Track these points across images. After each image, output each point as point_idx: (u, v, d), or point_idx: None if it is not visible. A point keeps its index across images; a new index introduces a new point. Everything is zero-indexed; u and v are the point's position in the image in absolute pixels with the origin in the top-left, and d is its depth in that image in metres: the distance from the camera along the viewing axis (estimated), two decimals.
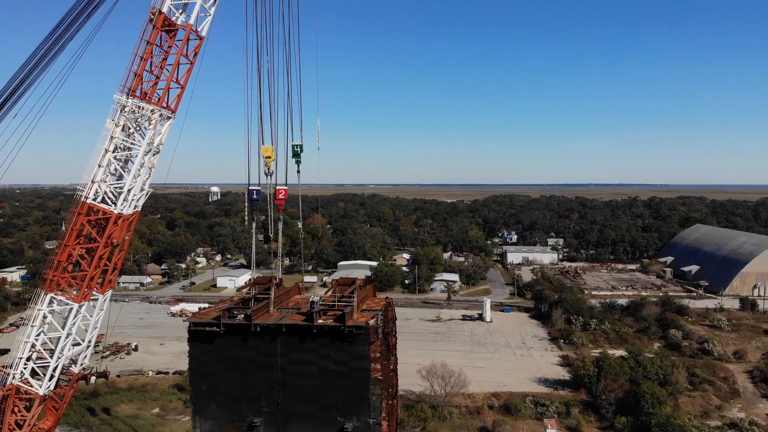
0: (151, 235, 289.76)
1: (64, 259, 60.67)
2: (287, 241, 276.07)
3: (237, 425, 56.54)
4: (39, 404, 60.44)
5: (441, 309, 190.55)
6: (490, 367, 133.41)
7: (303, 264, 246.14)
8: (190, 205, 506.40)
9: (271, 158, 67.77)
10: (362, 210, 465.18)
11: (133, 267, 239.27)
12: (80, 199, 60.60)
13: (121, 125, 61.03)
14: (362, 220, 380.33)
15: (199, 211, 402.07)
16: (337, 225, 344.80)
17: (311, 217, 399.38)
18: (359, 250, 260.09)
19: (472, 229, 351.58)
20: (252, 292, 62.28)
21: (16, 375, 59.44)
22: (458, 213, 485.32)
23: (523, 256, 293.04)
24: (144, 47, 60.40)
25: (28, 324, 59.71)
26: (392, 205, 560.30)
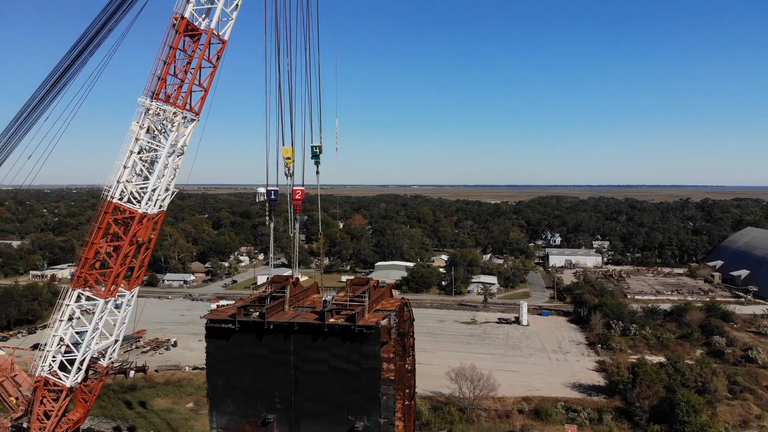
0: (197, 234, 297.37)
1: (91, 257, 63.19)
2: (327, 241, 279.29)
3: (252, 420, 57.63)
4: (66, 396, 62.94)
5: (477, 311, 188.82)
6: (524, 371, 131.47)
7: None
8: (237, 205, 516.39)
9: (291, 159, 68.83)
10: (403, 211, 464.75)
11: (177, 265, 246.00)
12: (106, 199, 63.03)
13: (145, 127, 63.09)
14: (402, 221, 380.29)
15: (244, 212, 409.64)
16: (377, 225, 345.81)
17: (352, 218, 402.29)
18: (397, 251, 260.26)
19: (514, 231, 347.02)
20: (268, 290, 63.32)
21: (45, 367, 62.06)
22: (501, 214, 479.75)
23: (566, 258, 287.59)
24: (167, 52, 62.29)
25: (57, 318, 62.40)
26: (434, 206, 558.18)
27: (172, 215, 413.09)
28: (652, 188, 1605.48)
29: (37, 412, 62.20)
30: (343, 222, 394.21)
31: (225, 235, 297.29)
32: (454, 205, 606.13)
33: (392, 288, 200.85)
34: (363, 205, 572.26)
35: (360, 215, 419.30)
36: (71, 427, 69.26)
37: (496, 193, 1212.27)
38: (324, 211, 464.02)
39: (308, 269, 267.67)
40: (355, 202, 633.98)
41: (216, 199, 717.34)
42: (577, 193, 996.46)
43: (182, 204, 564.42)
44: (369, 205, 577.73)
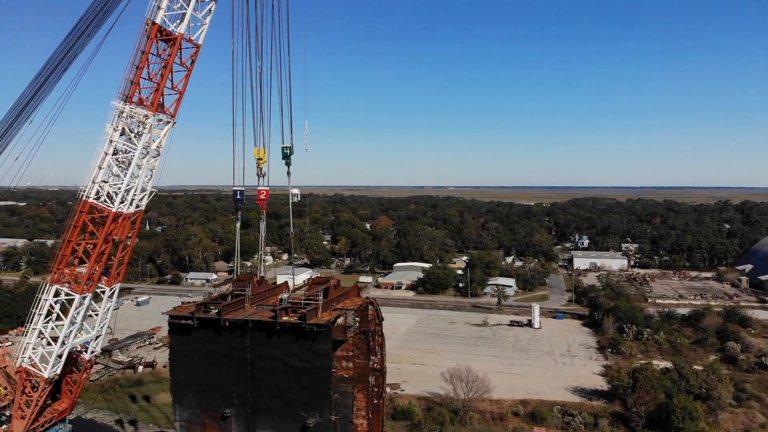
0: (224, 234, 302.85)
1: (68, 254, 65.63)
2: (348, 242, 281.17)
3: (211, 415, 59.16)
4: (45, 386, 65.62)
5: (490, 314, 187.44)
6: (527, 374, 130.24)
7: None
8: (269, 206, 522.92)
9: (263, 160, 70.23)
10: (431, 212, 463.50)
11: (201, 264, 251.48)
12: (82, 198, 65.41)
13: (119, 129, 65.24)
14: (427, 222, 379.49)
15: (273, 212, 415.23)
16: (401, 227, 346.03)
17: (378, 219, 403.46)
18: (416, 252, 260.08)
19: (540, 233, 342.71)
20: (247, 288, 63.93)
21: (25, 359, 64.83)
22: (532, 216, 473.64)
23: (590, 261, 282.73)
24: (139, 56, 64.26)
25: (36, 312, 65.09)
26: (464, 208, 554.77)
27: (204, 216, 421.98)
28: (695, 190, 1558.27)
29: (19, 401, 65.12)
30: (370, 223, 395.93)
31: (250, 235, 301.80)
32: (485, 206, 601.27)
33: (409, 288, 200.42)
34: (393, 206, 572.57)
35: (386, 216, 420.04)
36: (56, 417, 72.19)
37: (532, 195, 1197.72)
38: (353, 212, 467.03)
39: (329, 269, 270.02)
40: (386, 203, 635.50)
41: (250, 200, 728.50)
42: (615, 195, 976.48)
43: (216, 205, 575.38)
44: (399, 206, 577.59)
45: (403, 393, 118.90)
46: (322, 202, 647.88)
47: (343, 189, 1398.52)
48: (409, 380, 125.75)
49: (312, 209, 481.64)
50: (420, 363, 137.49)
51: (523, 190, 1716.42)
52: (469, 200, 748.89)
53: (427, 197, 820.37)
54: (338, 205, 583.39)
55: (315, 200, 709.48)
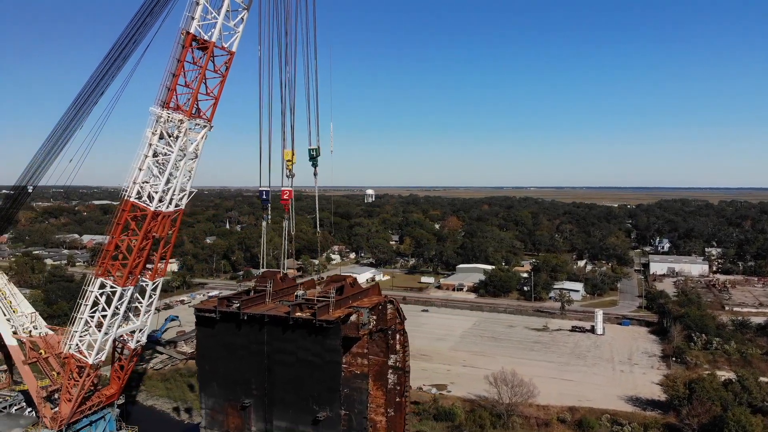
0: (296, 232, 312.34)
1: (111, 249, 70.67)
2: (412, 242, 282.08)
3: (233, 404, 62.23)
4: (89, 372, 70.92)
5: (552, 318, 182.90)
6: (581, 381, 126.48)
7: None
8: (344, 206, 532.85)
9: (292, 161, 72.61)
10: (503, 213, 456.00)
11: (272, 261, 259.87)
12: (124, 198, 70.26)
13: (158, 134, 69.49)
14: (498, 223, 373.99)
15: (345, 212, 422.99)
16: (469, 228, 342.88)
17: (447, 219, 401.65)
18: (481, 254, 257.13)
19: (618, 236, 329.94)
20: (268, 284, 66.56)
21: (72, 346, 70.37)
22: (612, 218, 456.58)
23: (668, 266, 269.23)
24: (174, 64, 68.25)
25: (82, 303, 70.53)
26: (541, 209, 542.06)
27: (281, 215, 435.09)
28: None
29: (66, 385, 70.86)
30: (440, 224, 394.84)
31: (318, 233, 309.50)
32: (564, 208, 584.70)
33: (471, 291, 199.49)
34: (466, 207, 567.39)
35: (456, 217, 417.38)
36: (104, 401, 77.84)
37: (619, 196, 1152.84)
38: (423, 212, 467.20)
39: (393, 269, 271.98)
40: (460, 204, 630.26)
41: (327, 199, 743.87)
42: (708, 196, 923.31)
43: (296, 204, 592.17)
44: (472, 207, 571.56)
45: (449, 394, 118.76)
46: (395, 203, 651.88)
47: (418, 189, 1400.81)
48: (457, 382, 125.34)
49: (384, 209, 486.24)
50: (471, 365, 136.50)
51: (609, 191, 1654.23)
52: (549, 201, 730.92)
53: (504, 198, 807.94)
54: (411, 205, 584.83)
55: (388, 200, 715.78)
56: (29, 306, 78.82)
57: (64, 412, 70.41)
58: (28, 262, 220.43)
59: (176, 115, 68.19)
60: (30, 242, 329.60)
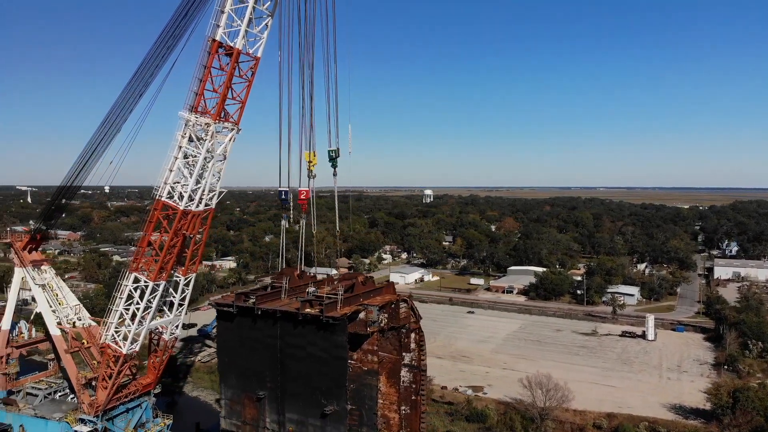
0: (349, 232, 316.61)
1: (144, 246, 74.66)
2: (464, 243, 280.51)
3: (249, 395, 65.05)
4: (124, 362, 75.17)
5: (603, 323, 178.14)
6: (624, 387, 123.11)
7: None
8: (401, 206, 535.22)
9: (313, 162, 74.70)
10: (565, 214, 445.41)
11: (324, 260, 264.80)
12: (156, 197, 74.07)
13: (187, 136, 72.93)
14: (556, 224, 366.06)
15: (399, 212, 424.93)
16: (526, 229, 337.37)
17: (504, 220, 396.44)
18: (535, 256, 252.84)
19: (682, 238, 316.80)
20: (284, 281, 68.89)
21: (108, 336, 74.89)
22: (679, 220, 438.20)
23: (733, 270, 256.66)
24: (201, 70, 71.53)
25: (117, 296, 74.91)
26: (606, 210, 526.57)
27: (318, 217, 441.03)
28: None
29: (103, 373, 75.45)
30: (496, 225, 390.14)
31: (372, 233, 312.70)
32: (631, 209, 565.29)
33: (521, 293, 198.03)
34: (528, 208, 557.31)
35: (513, 218, 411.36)
36: (140, 390, 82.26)
37: (692, 197, 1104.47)
38: (480, 213, 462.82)
39: (443, 270, 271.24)
40: (521, 204, 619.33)
41: (387, 200, 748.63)
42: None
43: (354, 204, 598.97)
44: (534, 208, 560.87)
45: (484, 396, 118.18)
46: (453, 203, 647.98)
47: (480, 190, 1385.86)
48: (495, 384, 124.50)
49: (440, 210, 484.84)
50: (511, 368, 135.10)
51: (683, 191, 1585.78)
52: (616, 202, 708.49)
53: (568, 199, 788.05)
54: (469, 206, 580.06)
55: (446, 201, 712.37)
56: (74, 298, 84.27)
57: (100, 399, 74.99)
58: (95, 258, 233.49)
59: (203, 119, 71.25)
60: (101, 239, 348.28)
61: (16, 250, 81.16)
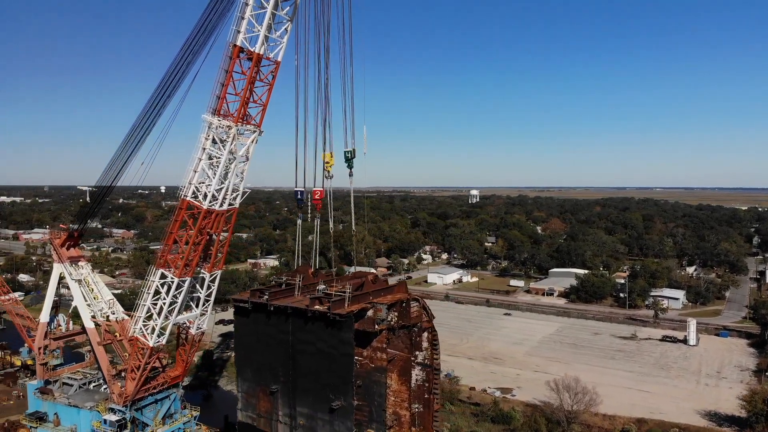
0: (389, 232, 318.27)
1: (170, 243, 77.81)
2: (505, 244, 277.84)
3: (264, 389, 67.24)
4: (150, 354, 78.48)
5: (644, 327, 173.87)
6: (658, 393, 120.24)
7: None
8: (446, 206, 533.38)
9: (331, 163, 76.33)
10: (615, 215, 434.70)
11: (362, 260, 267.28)
12: (181, 197, 77.11)
13: (210, 139, 75.74)
14: (604, 226, 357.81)
15: (442, 213, 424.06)
16: (572, 230, 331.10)
17: (550, 221, 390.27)
18: (578, 258, 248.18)
19: (735, 241, 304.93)
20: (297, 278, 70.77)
21: (137, 329, 78.41)
22: (735, 222, 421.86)
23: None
24: (223, 75, 74.20)
25: (144, 291, 78.34)
26: (659, 211, 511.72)
27: (380, 215, 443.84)
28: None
29: (131, 364, 79.02)
30: (542, 226, 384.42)
31: (412, 234, 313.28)
32: (685, 210, 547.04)
33: (562, 296, 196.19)
34: (578, 208, 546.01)
35: (559, 219, 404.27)
36: (169, 381, 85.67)
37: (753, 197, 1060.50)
38: (527, 214, 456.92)
39: (483, 271, 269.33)
40: (570, 205, 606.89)
41: (432, 200, 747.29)
42: None
43: (399, 204, 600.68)
44: (584, 209, 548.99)
45: (513, 398, 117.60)
46: (500, 204, 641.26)
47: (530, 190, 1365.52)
48: (525, 386, 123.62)
49: (485, 210, 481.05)
50: (543, 371, 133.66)
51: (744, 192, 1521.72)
52: (672, 203, 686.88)
53: (621, 200, 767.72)
54: (516, 206, 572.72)
55: (493, 201, 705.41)
56: (109, 293, 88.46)
57: (129, 389, 78.52)
58: (144, 256, 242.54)
59: (225, 122, 73.77)
60: (152, 238, 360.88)
61: (55, 247, 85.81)
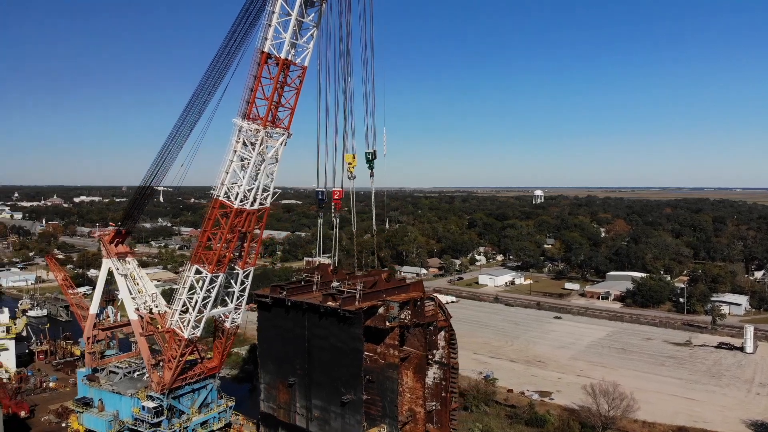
0: (443, 232, 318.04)
1: (204, 240, 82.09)
2: (562, 246, 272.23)
3: (283, 381, 70.34)
4: (185, 345, 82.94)
5: (700, 333, 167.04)
6: (704, 401, 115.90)
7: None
8: (508, 207, 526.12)
9: (353, 164, 78.62)
10: (686, 216, 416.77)
11: (414, 260, 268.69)
12: (214, 197, 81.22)
13: (240, 141, 79.51)
14: (671, 228, 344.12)
15: (500, 213, 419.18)
16: (634, 232, 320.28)
17: (613, 222, 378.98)
18: (638, 261, 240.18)
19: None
20: (316, 275, 73.49)
21: (173, 322, 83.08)
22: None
23: None
24: (252, 80, 77.77)
25: (181, 285, 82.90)
26: (735, 213, 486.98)
27: (437, 215, 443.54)
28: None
29: (168, 355, 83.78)
30: (606, 227, 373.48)
31: (466, 234, 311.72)
32: (762, 211, 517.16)
33: (617, 300, 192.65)
34: (647, 210, 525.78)
35: (624, 220, 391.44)
36: (206, 372, 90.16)
37: None
38: (592, 215, 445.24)
39: (539, 273, 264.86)
40: (640, 206, 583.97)
41: (494, 200, 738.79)
42: None
43: (458, 205, 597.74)
44: (653, 210, 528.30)
45: (551, 402, 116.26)
46: (565, 204, 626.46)
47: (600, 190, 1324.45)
48: (565, 391, 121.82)
49: (547, 211, 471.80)
50: (585, 375, 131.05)
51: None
52: (749, 204, 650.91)
53: (696, 201, 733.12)
54: (582, 207, 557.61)
55: (559, 202, 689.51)
56: (153, 287, 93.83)
57: (166, 378, 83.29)
58: None
59: (254, 125, 77.25)
60: None
61: (104, 243, 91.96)
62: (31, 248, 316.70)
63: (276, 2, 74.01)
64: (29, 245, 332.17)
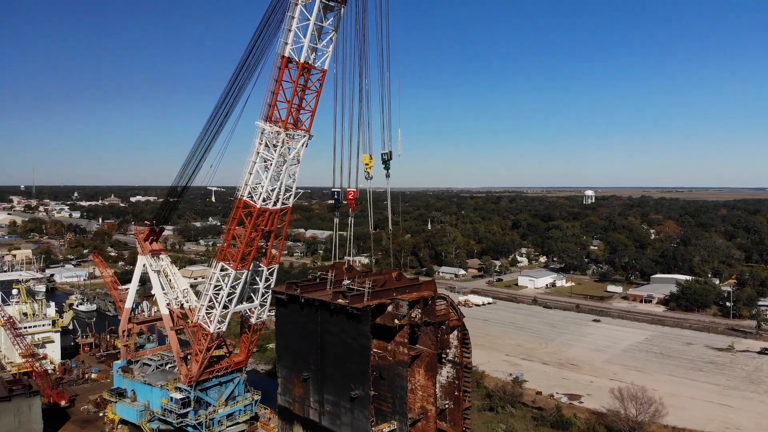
0: (484, 232, 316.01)
1: (229, 239, 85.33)
2: (606, 248, 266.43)
3: (298, 376, 72.41)
4: (211, 340, 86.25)
5: (744, 339, 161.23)
6: (740, 408, 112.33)
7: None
8: (553, 207, 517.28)
9: (370, 165, 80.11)
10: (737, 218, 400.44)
11: (453, 260, 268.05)
12: (238, 196, 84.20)
13: (263, 143, 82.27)
14: (723, 229, 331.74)
15: (545, 214, 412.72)
16: (685, 234, 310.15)
17: (663, 224, 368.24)
18: (685, 264, 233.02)
19: None
20: (330, 273, 75.20)
21: (200, 317, 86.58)
22: None
23: None
24: (273, 84, 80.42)
25: (207, 282, 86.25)
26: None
27: (480, 215, 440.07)
28: None
29: (195, 348, 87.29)
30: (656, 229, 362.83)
31: (508, 235, 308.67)
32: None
33: (661, 303, 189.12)
34: (701, 210, 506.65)
35: (674, 222, 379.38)
36: (233, 366, 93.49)
37: None
38: (642, 216, 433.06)
39: (583, 276, 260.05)
40: (694, 207, 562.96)
41: (543, 201, 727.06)
42: None
43: (504, 205, 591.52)
44: (708, 210, 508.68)
45: (580, 405, 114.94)
46: (616, 205, 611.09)
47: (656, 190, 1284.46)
48: (596, 394, 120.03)
49: (596, 212, 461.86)
50: (619, 380, 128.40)
51: None
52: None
53: (756, 201, 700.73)
54: (634, 208, 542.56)
55: (611, 202, 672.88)
56: (185, 283, 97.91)
57: (193, 371, 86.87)
58: None
59: (275, 128, 79.77)
60: None
61: (139, 241, 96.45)
62: (85, 246, 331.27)
63: (296, 8, 76.42)
64: (84, 243, 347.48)
